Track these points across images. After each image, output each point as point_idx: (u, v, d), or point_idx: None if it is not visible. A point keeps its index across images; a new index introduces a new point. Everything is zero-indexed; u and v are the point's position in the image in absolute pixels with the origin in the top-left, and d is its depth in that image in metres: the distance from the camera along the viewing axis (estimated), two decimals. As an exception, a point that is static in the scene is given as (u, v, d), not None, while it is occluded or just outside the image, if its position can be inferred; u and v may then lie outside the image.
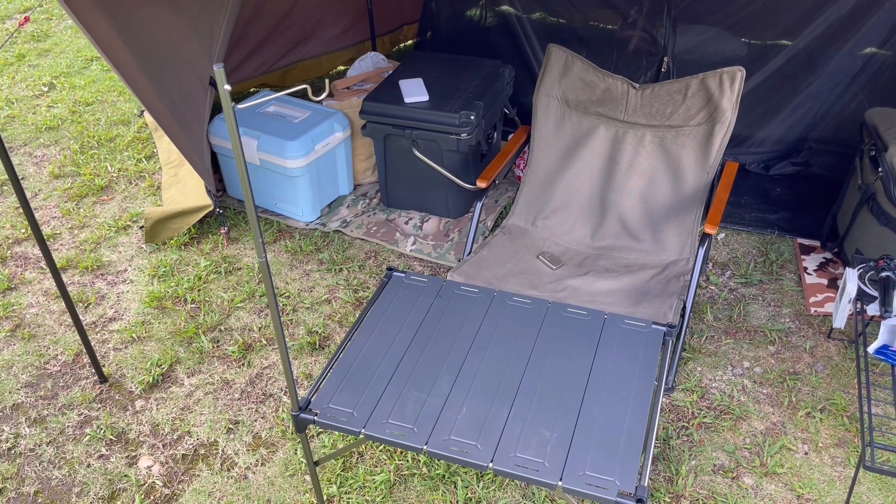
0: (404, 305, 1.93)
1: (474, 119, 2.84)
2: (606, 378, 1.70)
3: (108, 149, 3.76)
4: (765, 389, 2.36)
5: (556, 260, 2.48)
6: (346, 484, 2.12)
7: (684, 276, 2.35)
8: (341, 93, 3.39)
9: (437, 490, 2.09)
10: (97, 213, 3.30)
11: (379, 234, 3.09)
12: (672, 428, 2.25)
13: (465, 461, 1.53)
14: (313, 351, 2.56)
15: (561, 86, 2.59)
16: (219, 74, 1.16)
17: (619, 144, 2.55)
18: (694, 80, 2.40)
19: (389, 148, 3.04)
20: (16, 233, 3.18)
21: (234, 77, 3.74)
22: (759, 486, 2.08)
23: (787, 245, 2.96)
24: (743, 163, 3.32)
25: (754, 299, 2.71)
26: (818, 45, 3.05)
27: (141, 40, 2.42)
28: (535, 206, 2.66)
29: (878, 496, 2.04)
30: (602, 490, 1.45)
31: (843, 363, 2.44)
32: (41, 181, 3.53)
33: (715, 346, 2.53)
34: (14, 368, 2.54)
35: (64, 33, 5.12)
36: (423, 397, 1.67)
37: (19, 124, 4.00)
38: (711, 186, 2.46)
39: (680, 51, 3.26)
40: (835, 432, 2.22)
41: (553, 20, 3.56)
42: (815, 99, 3.15)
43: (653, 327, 1.84)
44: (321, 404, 1.66)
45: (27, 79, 4.49)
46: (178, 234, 3.09)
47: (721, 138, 2.40)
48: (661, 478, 2.11)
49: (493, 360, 1.77)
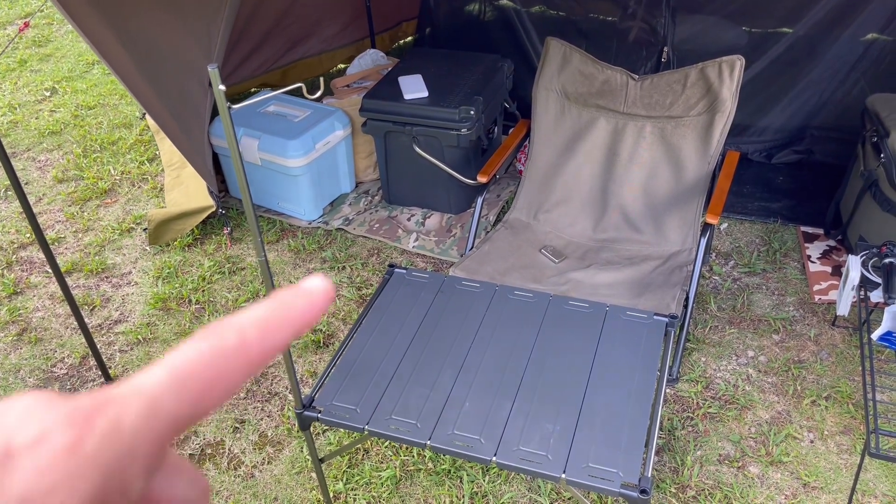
0: (406, 302, 1.94)
1: (474, 114, 2.84)
2: (609, 370, 1.71)
3: (111, 152, 3.77)
4: (769, 378, 2.36)
5: (559, 253, 2.48)
6: (352, 480, 2.13)
7: (687, 267, 2.35)
8: (341, 91, 3.39)
9: (444, 485, 2.10)
10: (101, 216, 3.31)
11: (381, 232, 3.09)
12: (677, 419, 2.25)
13: (469, 455, 1.53)
14: (318, 349, 2.57)
15: (560, 79, 2.59)
16: (213, 75, 1.16)
17: (620, 136, 2.55)
18: (693, 70, 2.40)
19: (390, 145, 3.04)
20: (21, 237, 3.20)
21: (235, 77, 3.74)
22: (765, 475, 2.08)
23: (790, 233, 2.95)
24: (745, 152, 3.31)
25: (758, 288, 2.70)
26: (818, 31, 3.04)
27: (139, 43, 2.43)
28: (536, 200, 2.66)
29: (885, 482, 2.04)
30: (606, 482, 1.45)
31: (847, 350, 2.44)
32: (45, 185, 3.55)
33: (719, 336, 2.52)
34: (21, 372, 2.56)
35: (65, 38, 5.14)
36: (425, 393, 1.68)
37: (22, 129, 4.02)
38: (713, 176, 2.46)
39: (679, 41, 3.25)
40: (840, 420, 2.22)
41: (552, 13, 3.55)
42: (816, 86, 3.14)
43: (655, 318, 1.83)
44: (325, 402, 1.67)
45: (29, 84, 4.51)
46: (182, 235, 3.10)
47: (721, 128, 2.39)
48: (666, 468, 2.11)
49: (495, 354, 1.77)
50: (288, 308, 0.26)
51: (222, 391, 0.24)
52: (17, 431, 0.21)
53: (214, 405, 0.24)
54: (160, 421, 0.23)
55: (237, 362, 0.24)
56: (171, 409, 0.23)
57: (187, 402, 0.24)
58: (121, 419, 0.22)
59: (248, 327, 0.25)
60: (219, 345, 0.24)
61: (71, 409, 0.22)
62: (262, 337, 0.25)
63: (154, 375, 0.24)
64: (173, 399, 0.23)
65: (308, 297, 0.26)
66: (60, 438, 0.21)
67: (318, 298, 0.26)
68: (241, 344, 0.25)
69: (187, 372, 0.24)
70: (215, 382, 0.24)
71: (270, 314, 0.25)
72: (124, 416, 0.22)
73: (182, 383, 0.24)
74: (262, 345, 0.25)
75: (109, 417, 0.22)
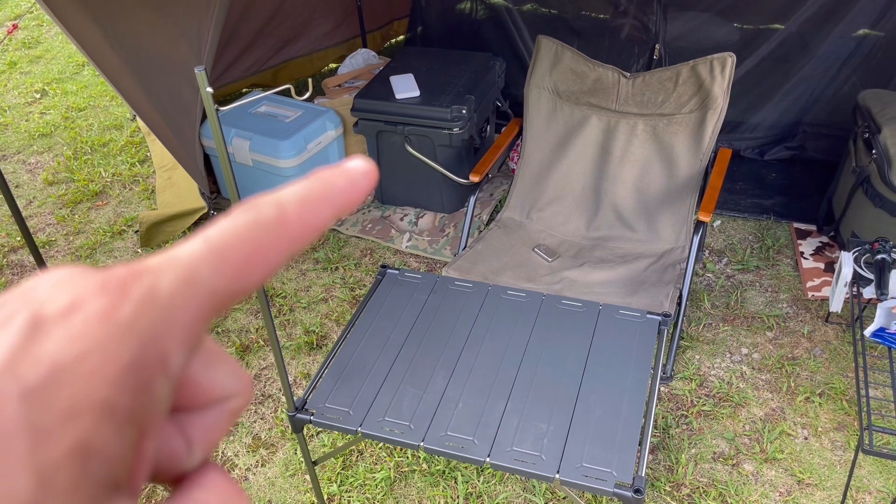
0: (399, 302, 1.93)
1: (466, 113, 2.83)
2: (602, 369, 1.70)
3: (102, 154, 3.75)
4: (763, 375, 2.36)
5: (552, 252, 2.48)
6: (346, 482, 2.12)
7: (680, 265, 2.35)
8: (333, 91, 3.38)
9: (438, 486, 2.10)
10: (92, 218, 3.29)
11: (374, 232, 3.08)
12: (671, 417, 2.25)
13: (463, 457, 1.53)
14: (311, 350, 2.56)
15: (552, 77, 2.58)
16: (200, 77, 1.15)
17: (612, 134, 2.54)
18: (685, 68, 2.39)
19: (382, 145, 3.03)
20: (11, 241, 3.18)
21: (225, 78, 3.73)
22: (760, 473, 2.08)
23: (783, 230, 2.95)
24: (737, 149, 3.31)
25: (751, 285, 2.70)
26: (810, 27, 3.04)
27: (128, 44, 2.42)
28: (529, 199, 2.65)
29: (879, 479, 2.04)
30: (600, 482, 1.45)
31: (841, 347, 2.44)
32: (35, 188, 3.52)
33: (713, 333, 2.52)
34: (13, 376, 2.54)
35: (55, 39, 5.11)
36: (419, 394, 1.67)
37: (12, 132, 3.99)
38: (705, 173, 2.46)
39: (671, 38, 3.24)
40: (834, 416, 2.22)
41: (544, 11, 3.55)
42: (807, 82, 3.14)
43: (648, 317, 1.83)
44: (317, 404, 1.66)
45: (19, 86, 4.48)
46: (174, 237, 3.09)
47: (713, 125, 2.39)
48: (661, 467, 2.11)
49: (488, 354, 1.76)
50: (329, 186, 0.25)
51: (262, 267, 0.23)
52: (49, 300, 0.20)
53: (254, 282, 0.23)
54: (198, 291, 0.22)
55: (277, 237, 0.24)
56: (209, 281, 0.22)
57: (225, 274, 0.23)
58: (157, 287, 0.21)
59: (288, 202, 0.24)
60: (257, 218, 0.23)
61: (104, 278, 0.21)
62: (302, 213, 0.24)
63: (191, 246, 0.23)
64: (211, 270, 0.22)
65: (350, 176, 0.25)
66: (93, 305, 0.20)
67: (359, 178, 0.26)
68: (281, 218, 0.24)
69: (225, 244, 0.23)
70: (254, 256, 0.23)
71: (311, 191, 0.25)
72: (160, 284, 0.21)
73: (220, 255, 0.23)
74: (303, 221, 0.24)
75: (146, 284, 0.21)
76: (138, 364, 0.20)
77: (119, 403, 0.20)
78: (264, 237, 0.23)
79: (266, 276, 0.24)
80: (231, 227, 0.23)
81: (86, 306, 0.20)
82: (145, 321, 0.21)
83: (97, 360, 0.20)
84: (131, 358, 0.20)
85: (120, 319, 0.20)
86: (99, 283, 0.21)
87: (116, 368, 0.20)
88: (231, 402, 0.25)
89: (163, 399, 0.21)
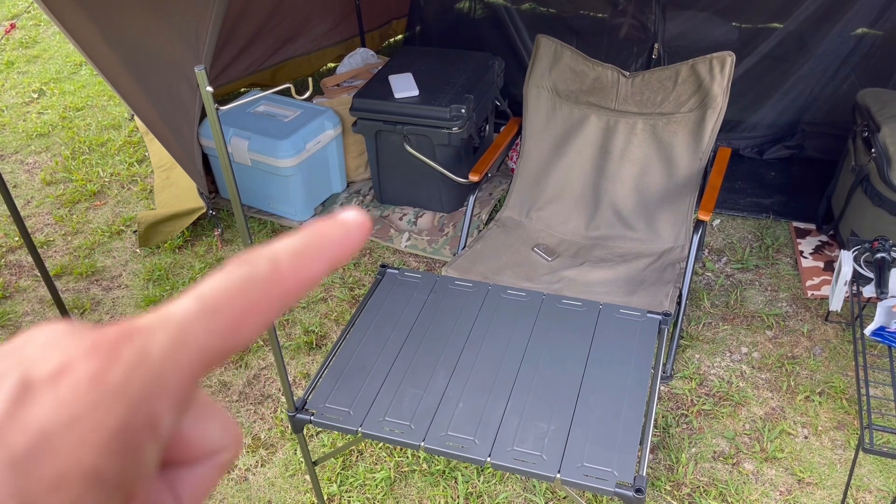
0: (398, 302, 1.93)
1: (465, 112, 2.83)
2: (602, 369, 1.70)
3: (100, 154, 3.75)
4: (763, 374, 2.36)
5: (551, 251, 2.48)
6: (346, 482, 2.12)
7: (680, 264, 2.34)
8: (331, 90, 3.37)
9: (438, 486, 2.09)
10: (90, 218, 3.29)
11: (373, 231, 3.08)
12: (671, 416, 2.25)
13: (463, 456, 1.52)
14: (310, 350, 2.55)
15: (551, 76, 2.58)
16: (200, 76, 1.14)
17: (611, 133, 2.54)
18: (684, 67, 2.39)
19: (381, 144, 3.03)
20: (9, 241, 3.17)
21: (224, 77, 3.72)
22: (760, 472, 2.08)
23: (782, 229, 2.95)
24: (736, 148, 3.31)
25: (751, 284, 2.70)
26: (809, 26, 3.04)
27: (126, 43, 2.41)
28: (528, 198, 2.65)
29: (879, 478, 2.04)
30: (600, 481, 1.44)
31: (840, 346, 2.44)
32: (33, 188, 3.51)
33: (713, 332, 2.52)
34: (11, 377, 2.53)
35: (52, 39, 5.09)
36: (419, 394, 1.67)
37: (10, 132, 3.98)
38: (705, 173, 2.45)
39: (670, 37, 3.24)
40: (834, 415, 2.22)
41: (543, 10, 3.54)
42: (807, 81, 3.14)
43: (648, 316, 1.83)
44: (317, 404, 1.66)
45: (17, 86, 4.47)
46: (172, 237, 3.08)
47: (713, 124, 2.39)
48: (661, 466, 2.11)
49: (488, 354, 1.76)
50: (323, 238, 0.25)
51: (255, 323, 0.23)
52: (38, 363, 0.20)
53: (247, 338, 0.23)
54: (190, 352, 0.22)
55: (270, 293, 0.23)
56: (202, 341, 0.22)
57: (218, 333, 0.22)
58: (148, 349, 0.21)
59: (282, 256, 0.24)
60: (251, 274, 0.23)
61: (95, 339, 0.21)
62: (296, 267, 0.24)
63: (183, 305, 0.22)
64: (203, 330, 0.22)
65: (344, 228, 0.25)
66: (83, 369, 0.20)
67: (353, 230, 0.25)
68: (275, 273, 0.23)
69: (218, 301, 0.22)
70: (247, 313, 0.23)
71: (305, 244, 0.24)
72: (152, 346, 0.21)
73: (212, 313, 0.22)
74: (297, 275, 0.24)
75: (137, 346, 0.21)
76: (127, 429, 0.20)
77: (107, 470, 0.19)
78: (258, 293, 0.23)
79: (259, 331, 0.23)
80: (224, 284, 0.23)
81: (75, 370, 0.20)
82: (135, 385, 0.20)
83: (85, 427, 0.19)
84: (120, 423, 0.20)
85: (109, 384, 0.20)
86: (89, 345, 0.20)
87: (104, 435, 0.19)
88: (220, 455, 0.25)
89: (151, 462, 0.21)
